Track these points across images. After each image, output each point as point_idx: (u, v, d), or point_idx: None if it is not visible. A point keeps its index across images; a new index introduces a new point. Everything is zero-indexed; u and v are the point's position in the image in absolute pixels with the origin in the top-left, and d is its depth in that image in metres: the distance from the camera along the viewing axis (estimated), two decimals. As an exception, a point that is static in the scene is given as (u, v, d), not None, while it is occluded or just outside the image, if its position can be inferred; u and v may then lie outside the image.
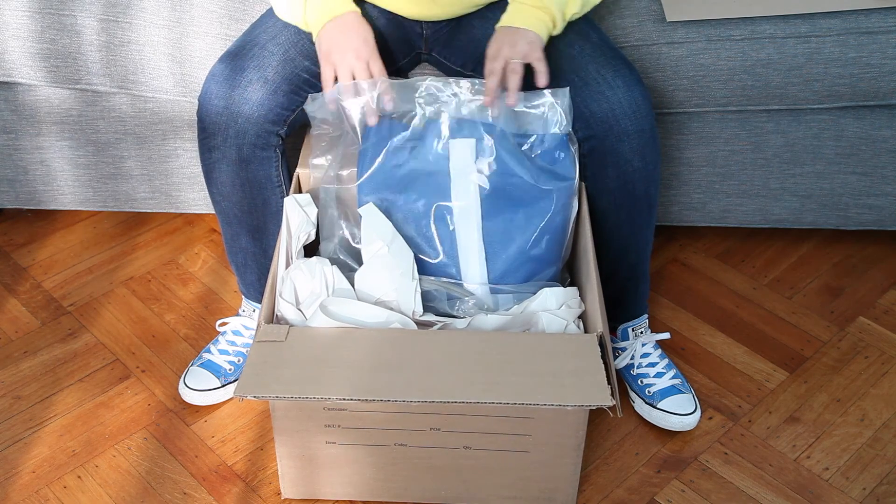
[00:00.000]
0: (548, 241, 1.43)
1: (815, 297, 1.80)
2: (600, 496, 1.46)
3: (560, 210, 1.42)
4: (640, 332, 1.61)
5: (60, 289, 1.81)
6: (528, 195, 1.42)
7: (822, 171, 1.75)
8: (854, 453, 1.52)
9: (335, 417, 1.31)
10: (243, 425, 1.56)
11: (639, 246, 1.54)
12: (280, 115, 1.42)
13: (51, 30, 1.63)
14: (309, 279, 1.36)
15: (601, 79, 1.42)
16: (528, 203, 1.42)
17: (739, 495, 1.46)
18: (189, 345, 1.70)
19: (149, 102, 1.71)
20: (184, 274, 1.85)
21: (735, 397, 1.61)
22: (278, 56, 1.43)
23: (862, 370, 1.66)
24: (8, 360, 1.67)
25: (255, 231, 1.52)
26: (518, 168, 1.41)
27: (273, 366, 1.24)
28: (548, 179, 1.42)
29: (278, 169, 1.46)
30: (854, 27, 1.58)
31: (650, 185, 1.46)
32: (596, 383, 1.23)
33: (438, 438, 1.33)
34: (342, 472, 1.39)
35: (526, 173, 1.41)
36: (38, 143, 1.78)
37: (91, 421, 1.57)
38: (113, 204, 1.87)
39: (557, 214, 1.42)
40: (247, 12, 1.62)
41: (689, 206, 1.82)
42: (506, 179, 1.41)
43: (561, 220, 1.43)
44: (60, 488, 1.47)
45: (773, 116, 1.69)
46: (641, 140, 1.42)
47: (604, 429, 1.56)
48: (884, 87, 1.62)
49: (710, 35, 1.59)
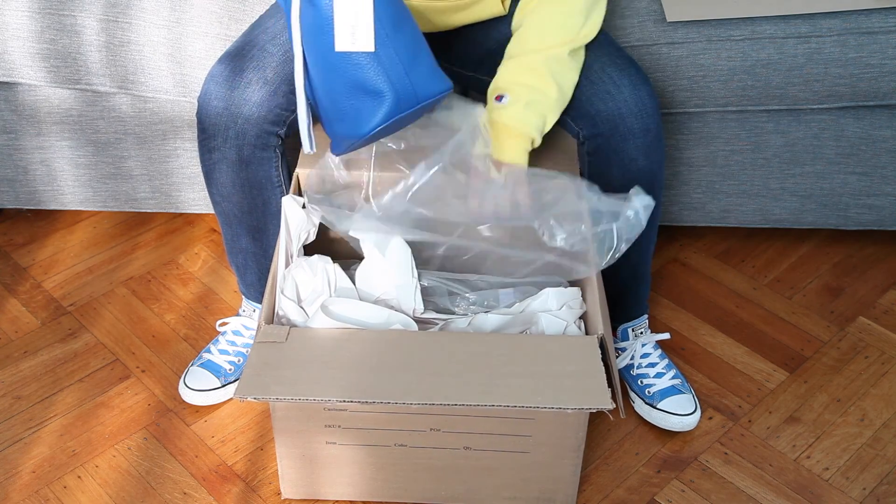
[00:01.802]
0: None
1: (815, 297, 1.80)
2: (600, 496, 1.46)
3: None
4: (640, 332, 1.61)
5: (60, 289, 1.81)
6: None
7: (822, 171, 1.75)
8: (854, 453, 1.52)
9: (335, 418, 1.31)
10: (243, 425, 1.56)
11: (641, 246, 1.53)
12: (280, 115, 1.42)
13: (51, 30, 1.63)
14: (311, 277, 1.36)
15: (607, 77, 1.41)
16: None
17: (739, 495, 1.46)
18: (189, 345, 1.70)
19: (149, 102, 1.71)
20: (184, 274, 1.85)
21: (735, 397, 1.61)
22: (278, 57, 1.43)
23: (862, 370, 1.66)
24: (8, 360, 1.67)
25: (255, 231, 1.52)
26: None
27: (273, 367, 1.24)
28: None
29: (278, 169, 1.46)
30: (854, 27, 1.58)
31: (654, 185, 1.46)
32: (596, 386, 1.23)
33: (438, 439, 1.33)
34: (342, 473, 1.39)
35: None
36: (39, 143, 1.78)
37: (91, 421, 1.57)
38: (113, 204, 1.87)
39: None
40: (247, 12, 1.62)
41: (689, 206, 1.82)
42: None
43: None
44: (60, 488, 1.47)
45: (773, 116, 1.69)
46: (647, 139, 1.42)
47: (604, 429, 1.56)
48: (884, 87, 1.62)
49: (711, 35, 1.59)
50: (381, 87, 1.25)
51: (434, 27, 1.49)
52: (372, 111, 1.27)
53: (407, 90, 1.26)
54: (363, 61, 1.25)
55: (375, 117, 1.27)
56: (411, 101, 1.27)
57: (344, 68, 1.25)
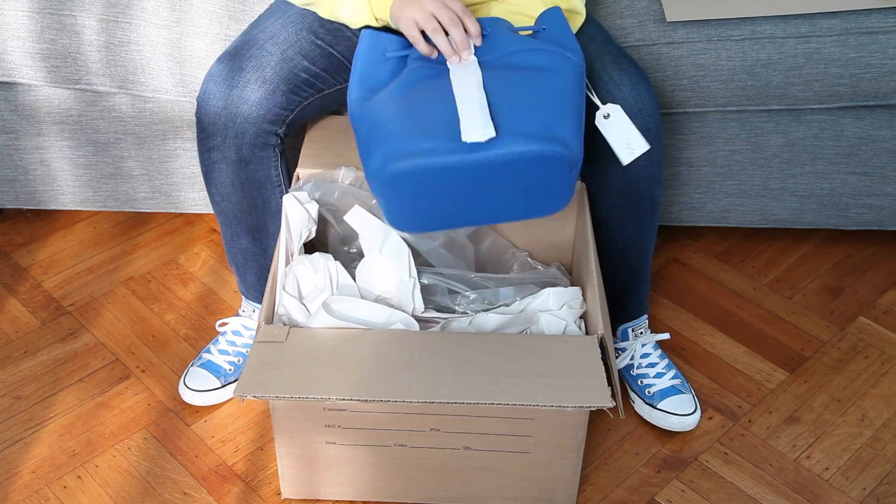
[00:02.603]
0: (561, 95, 1.25)
1: (815, 297, 1.80)
2: (600, 496, 1.46)
3: (574, 78, 1.27)
4: (640, 332, 1.61)
5: (60, 289, 1.81)
6: (534, 61, 1.27)
7: (822, 171, 1.75)
8: (854, 453, 1.52)
9: (335, 418, 1.31)
10: (243, 425, 1.56)
11: (641, 246, 1.54)
12: (279, 114, 1.42)
13: (51, 30, 1.63)
14: (312, 274, 1.36)
15: (607, 77, 1.41)
16: (534, 67, 1.27)
17: (739, 495, 1.46)
18: (189, 345, 1.70)
19: (149, 102, 1.71)
20: (184, 274, 1.85)
21: (735, 397, 1.61)
22: (277, 56, 1.43)
23: (862, 370, 1.66)
24: (8, 360, 1.67)
25: (254, 231, 1.52)
26: (521, 42, 1.29)
27: (273, 366, 1.24)
28: (557, 49, 1.29)
29: (278, 169, 1.46)
30: (854, 27, 1.58)
31: (654, 185, 1.46)
32: (596, 384, 1.23)
33: (438, 439, 1.33)
34: (342, 473, 1.39)
35: (531, 43, 1.29)
36: (38, 143, 1.78)
37: (91, 421, 1.57)
38: (113, 204, 1.87)
39: (570, 82, 1.26)
40: (246, 12, 1.62)
41: (689, 206, 1.82)
42: (508, 57, 1.29)
43: (575, 88, 1.26)
44: (60, 488, 1.47)
45: (773, 116, 1.69)
46: (647, 139, 1.41)
47: (604, 429, 1.56)
48: (884, 87, 1.62)
49: (711, 35, 1.59)
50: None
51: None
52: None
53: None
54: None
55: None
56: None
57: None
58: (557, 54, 1.27)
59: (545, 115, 1.19)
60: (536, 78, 1.24)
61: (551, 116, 1.19)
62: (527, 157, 1.16)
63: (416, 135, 1.19)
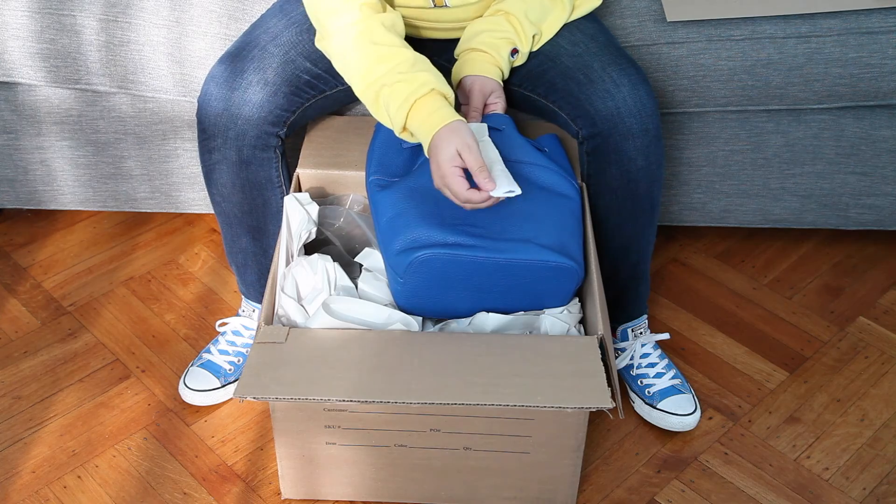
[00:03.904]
0: (572, 219, 1.37)
1: (815, 297, 1.80)
2: (600, 496, 1.46)
3: (580, 204, 1.40)
4: (639, 332, 1.61)
5: (60, 289, 1.81)
6: (548, 180, 1.39)
7: (822, 171, 1.75)
8: (854, 453, 1.52)
9: (335, 418, 1.31)
10: (243, 425, 1.56)
11: (640, 246, 1.54)
12: (280, 116, 1.42)
13: (51, 30, 1.63)
14: (311, 275, 1.37)
15: (606, 77, 1.41)
16: (548, 187, 1.39)
17: (739, 495, 1.46)
18: (189, 345, 1.70)
19: (149, 102, 1.71)
20: (184, 274, 1.85)
21: (735, 397, 1.61)
22: (279, 57, 1.43)
23: (862, 370, 1.66)
24: (8, 360, 1.67)
25: (255, 232, 1.52)
26: (534, 155, 1.40)
27: (273, 367, 1.24)
28: (563, 173, 1.41)
29: (278, 170, 1.46)
30: (854, 27, 1.58)
31: (653, 185, 1.46)
32: (596, 385, 1.23)
33: (438, 439, 1.33)
34: (342, 473, 1.39)
35: (542, 159, 1.40)
36: (39, 143, 1.78)
37: (91, 421, 1.57)
38: (113, 204, 1.87)
39: (579, 208, 1.39)
40: (247, 12, 1.62)
41: (689, 206, 1.82)
42: (524, 168, 1.39)
43: (580, 214, 1.39)
44: (60, 488, 1.47)
45: (773, 116, 1.68)
46: (646, 139, 1.41)
47: (604, 429, 1.56)
48: (884, 87, 1.62)
49: (711, 35, 1.59)
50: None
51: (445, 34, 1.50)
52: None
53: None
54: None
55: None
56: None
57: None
58: (565, 179, 1.39)
59: (562, 234, 1.33)
60: (553, 199, 1.37)
61: (567, 237, 1.34)
62: (547, 266, 1.30)
63: (443, 227, 1.30)
